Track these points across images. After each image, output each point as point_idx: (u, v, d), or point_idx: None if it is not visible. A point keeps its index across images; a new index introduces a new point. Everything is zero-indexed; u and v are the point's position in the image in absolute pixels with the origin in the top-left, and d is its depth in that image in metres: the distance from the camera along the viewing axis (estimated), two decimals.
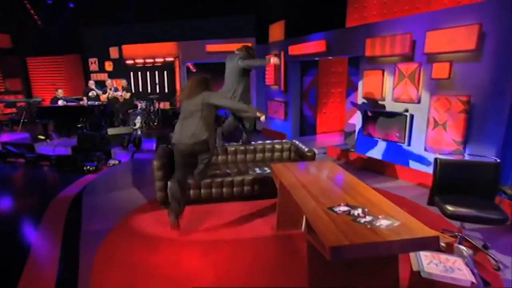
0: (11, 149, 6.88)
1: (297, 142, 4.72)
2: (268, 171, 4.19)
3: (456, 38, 4.13)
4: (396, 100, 5.16)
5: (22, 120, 9.45)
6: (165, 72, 11.23)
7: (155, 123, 9.44)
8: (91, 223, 3.71)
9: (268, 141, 4.90)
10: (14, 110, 10.63)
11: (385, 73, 5.32)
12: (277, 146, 4.80)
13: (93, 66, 11.37)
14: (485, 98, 4.02)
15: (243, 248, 3.12)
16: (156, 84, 11.26)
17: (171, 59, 10.86)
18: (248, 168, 4.41)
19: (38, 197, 4.72)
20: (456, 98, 4.25)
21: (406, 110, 4.95)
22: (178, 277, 2.70)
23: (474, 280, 2.17)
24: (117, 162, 6.27)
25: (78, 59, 11.79)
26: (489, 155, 3.80)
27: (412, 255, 2.40)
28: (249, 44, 4.73)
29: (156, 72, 11.25)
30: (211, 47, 9.91)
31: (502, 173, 3.79)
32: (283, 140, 4.95)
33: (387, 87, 5.34)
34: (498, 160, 3.02)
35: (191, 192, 3.96)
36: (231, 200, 4.15)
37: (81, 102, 8.64)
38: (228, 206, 4.07)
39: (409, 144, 5.07)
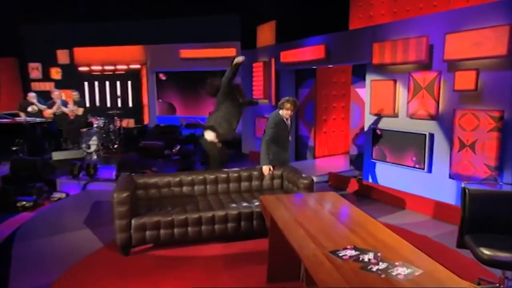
0: None
1: (290, 168, 4.73)
2: (257, 203, 4.16)
3: (482, 42, 4.26)
4: (411, 116, 5.23)
5: None
6: (129, 83, 11.23)
7: (116, 146, 9.30)
8: (22, 278, 3.48)
9: (255, 167, 4.90)
10: None
11: (398, 84, 5.42)
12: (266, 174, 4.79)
13: (35, 73, 11.22)
14: None
15: None
16: (117, 97, 11.22)
17: (137, 66, 10.92)
18: (233, 200, 4.38)
19: None
20: (485, 113, 4.33)
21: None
22: None
23: None
24: (63, 195, 6.08)
25: (14, 64, 11.59)
26: None
27: None
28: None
29: (118, 82, 11.24)
30: (186, 53, 10.04)
31: None
32: (274, 166, 4.92)
33: (400, 101, 5.43)
34: None
35: (161, 232, 3.88)
36: (211, 241, 4.08)
37: (17, 119, 8.44)
38: (208, 248, 3.99)
39: (429, 170, 5.09)
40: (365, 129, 6.11)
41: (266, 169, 4.71)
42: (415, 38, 5.00)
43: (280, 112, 4.81)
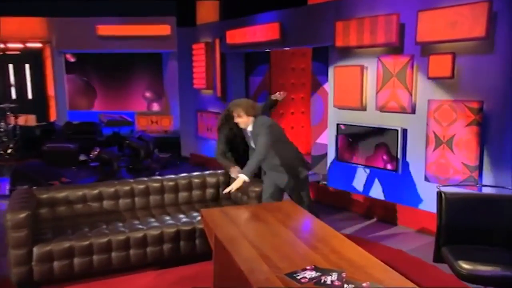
0: None
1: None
2: (199, 218, 4.15)
3: (458, 21, 4.52)
4: (381, 109, 5.44)
5: None
6: (27, 66, 10.67)
7: (9, 150, 8.81)
8: None
9: (196, 173, 4.89)
10: None
11: (365, 71, 5.61)
12: (209, 180, 4.85)
13: None
14: (503, 104, 4.40)
15: None
16: (10, 85, 10.62)
17: (38, 45, 10.40)
18: (169, 215, 4.36)
19: None
20: (463, 104, 4.61)
21: None
22: None
23: None
24: None
25: None
26: None
27: None
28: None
29: (11, 66, 10.64)
30: (105, 29, 9.72)
31: None
32: (219, 171, 4.95)
33: (368, 91, 5.62)
34: None
35: (75, 261, 3.75)
36: (142, 269, 4.02)
37: None
38: (139, 278, 3.92)
39: (403, 172, 5.30)
40: (328, 125, 6.26)
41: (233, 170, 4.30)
42: (384, 16, 5.20)
43: None
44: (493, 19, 4.34)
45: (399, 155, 5.26)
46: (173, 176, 4.85)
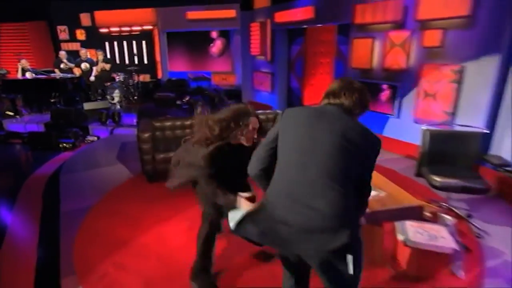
0: None
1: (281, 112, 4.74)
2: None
3: (449, 3, 4.08)
4: (384, 68, 5.14)
5: None
6: (143, 42, 10.82)
7: (135, 97, 9.20)
8: (70, 202, 3.67)
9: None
10: None
11: (375, 42, 5.26)
12: (261, 117, 4.79)
13: (63, 35, 10.78)
14: (476, 67, 4.05)
15: None
16: (134, 55, 10.86)
17: (149, 27, 10.44)
18: None
19: (11, 176, 4.60)
20: (447, 67, 4.27)
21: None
22: (165, 254, 2.73)
23: (456, 247, 2.28)
24: (95, 138, 6.17)
25: (45, 26, 11.09)
26: (479, 125, 3.89)
27: (397, 225, 2.49)
28: None
29: (134, 42, 10.82)
30: (192, 14, 9.54)
31: (489, 143, 3.91)
32: (267, 111, 4.94)
33: (374, 56, 5.29)
34: (487, 131, 3.10)
35: None
36: None
37: (52, 75, 8.24)
38: None
39: (398, 116, 5.12)
40: None
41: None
42: (393, 0, 4.76)
43: None
44: (476, 2, 3.85)
45: (395, 104, 5.03)
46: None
